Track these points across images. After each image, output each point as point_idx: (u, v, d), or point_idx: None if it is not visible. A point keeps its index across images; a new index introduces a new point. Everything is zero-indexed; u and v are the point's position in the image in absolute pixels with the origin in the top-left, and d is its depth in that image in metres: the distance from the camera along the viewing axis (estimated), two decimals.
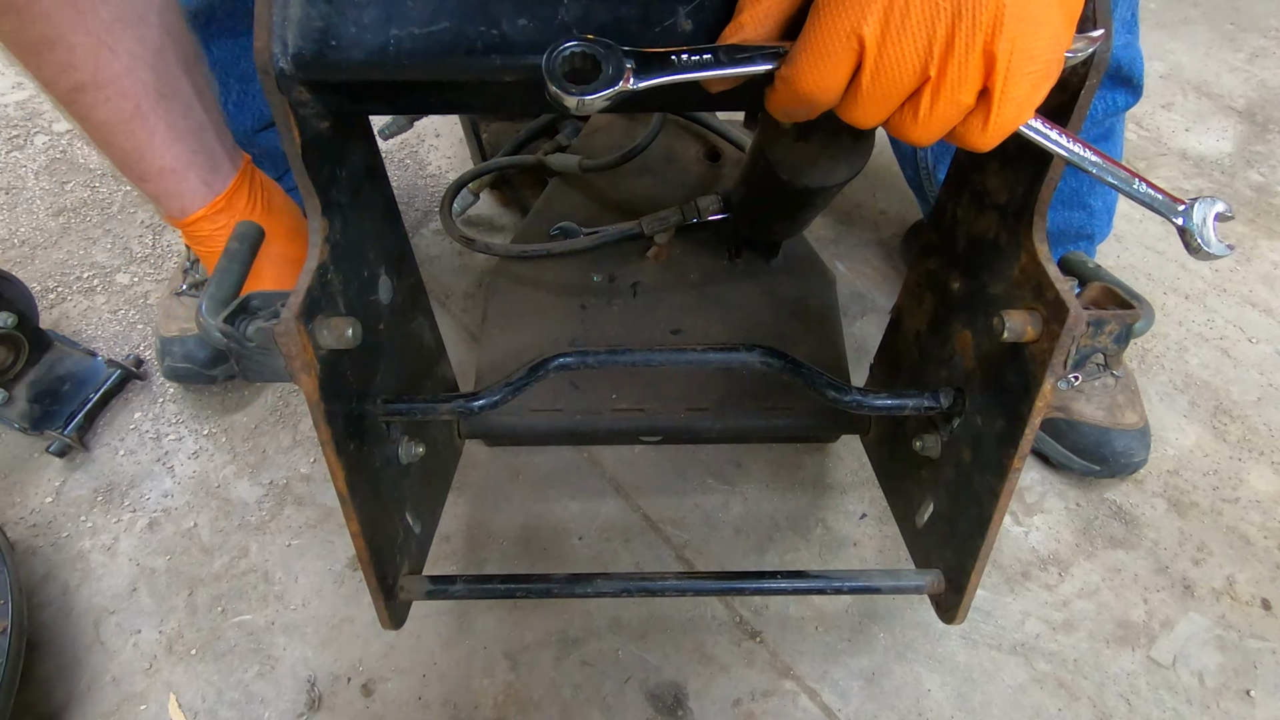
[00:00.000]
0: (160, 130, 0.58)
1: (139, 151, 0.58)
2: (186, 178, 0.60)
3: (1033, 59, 0.40)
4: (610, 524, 1.02)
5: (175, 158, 0.59)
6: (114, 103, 0.56)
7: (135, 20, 0.55)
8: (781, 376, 0.71)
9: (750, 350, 0.72)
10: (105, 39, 0.53)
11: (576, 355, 0.72)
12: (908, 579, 0.71)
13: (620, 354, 0.72)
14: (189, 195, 0.61)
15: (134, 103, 0.56)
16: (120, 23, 0.54)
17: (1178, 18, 1.76)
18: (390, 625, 0.68)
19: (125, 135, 0.58)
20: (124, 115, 0.57)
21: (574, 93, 0.42)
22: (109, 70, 0.54)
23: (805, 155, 0.62)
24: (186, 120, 0.59)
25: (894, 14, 0.39)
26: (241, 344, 0.51)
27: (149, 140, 0.58)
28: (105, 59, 0.54)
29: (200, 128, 0.61)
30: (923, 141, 0.44)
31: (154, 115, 0.57)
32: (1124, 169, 0.47)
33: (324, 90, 0.52)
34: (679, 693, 0.91)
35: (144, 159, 0.59)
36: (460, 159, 1.48)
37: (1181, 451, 1.09)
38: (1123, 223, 1.32)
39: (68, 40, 0.53)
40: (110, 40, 0.54)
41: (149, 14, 0.56)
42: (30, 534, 1.02)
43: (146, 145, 0.58)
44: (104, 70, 0.54)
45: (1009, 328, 0.54)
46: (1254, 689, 0.90)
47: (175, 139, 0.58)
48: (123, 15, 0.54)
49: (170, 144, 0.58)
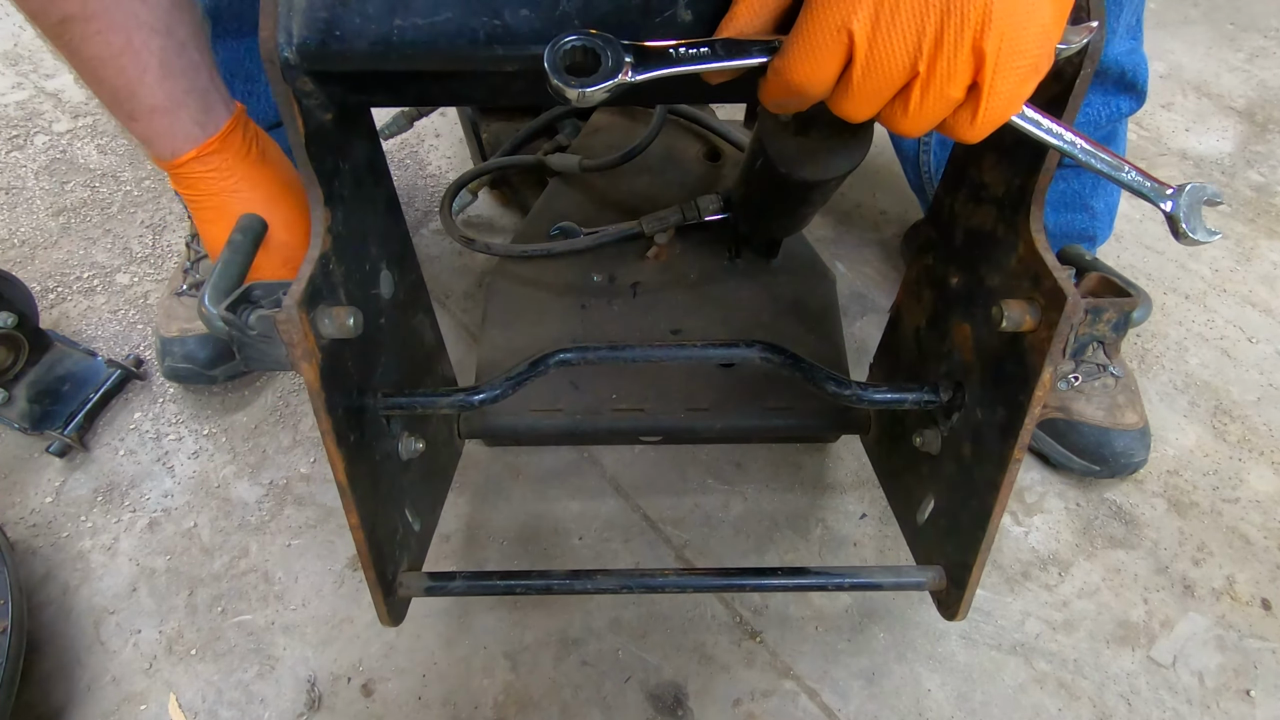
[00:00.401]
0: (152, 67, 0.56)
1: (129, 88, 0.56)
2: (178, 117, 0.58)
3: (1021, 54, 0.40)
4: (610, 524, 1.02)
5: (167, 96, 0.57)
6: (104, 36, 0.54)
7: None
8: (781, 371, 0.72)
9: (750, 346, 0.72)
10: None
11: (577, 351, 0.72)
12: (909, 575, 0.71)
13: (621, 350, 0.73)
14: (180, 136, 0.59)
15: (124, 37, 0.54)
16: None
17: (1178, 18, 1.76)
18: (389, 622, 0.68)
19: (115, 71, 0.55)
20: (114, 50, 0.55)
21: (575, 85, 0.42)
22: (99, 2, 0.53)
23: (804, 149, 0.63)
24: (179, 58, 0.57)
25: (884, 10, 0.40)
26: (244, 332, 0.51)
27: (140, 77, 0.56)
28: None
29: (193, 66, 0.59)
30: (912, 134, 0.44)
31: (145, 51, 0.55)
32: (1112, 155, 0.47)
33: (328, 81, 0.52)
34: (679, 693, 0.90)
35: (134, 96, 0.57)
36: (460, 159, 1.48)
37: (1181, 451, 1.09)
38: (1123, 223, 1.32)
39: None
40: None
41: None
42: (30, 534, 1.02)
43: (137, 82, 0.56)
44: (93, 2, 0.52)
45: (1008, 317, 0.55)
46: (1254, 689, 0.90)
47: (166, 76, 0.56)
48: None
49: (162, 81, 0.56)
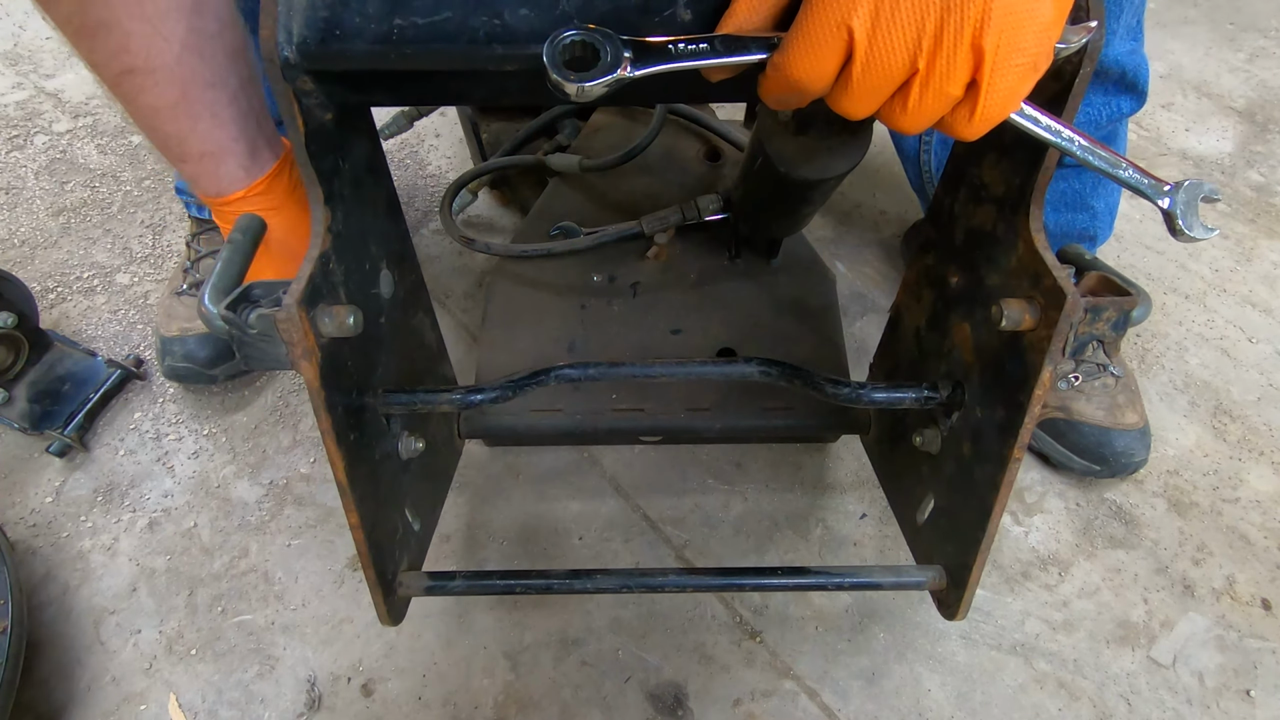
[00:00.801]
0: (204, 116, 0.58)
1: (181, 136, 0.59)
2: (225, 162, 0.61)
3: (1020, 52, 0.40)
4: (610, 524, 1.02)
5: (216, 143, 0.60)
6: (161, 88, 0.56)
7: (190, 10, 0.56)
8: (781, 384, 0.72)
9: (748, 362, 0.73)
10: (160, 26, 0.54)
11: (579, 367, 0.73)
12: (909, 575, 0.71)
13: (621, 367, 0.73)
14: (226, 178, 0.61)
15: (181, 89, 0.57)
16: (176, 11, 0.55)
17: (1178, 18, 1.77)
18: (389, 621, 0.68)
19: (170, 119, 0.58)
20: (170, 100, 0.57)
21: (574, 80, 0.42)
22: (161, 57, 0.55)
23: (803, 148, 0.63)
24: (231, 108, 0.60)
25: (884, 7, 0.40)
26: (243, 331, 0.51)
27: (192, 126, 0.59)
28: (158, 46, 0.55)
29: (243, 115, 0.62)
30: (911, 131, 0.44)
31: (199, 102, 0.58)
32: (1111, 153, 0.48)
33: (328, 80, 0.52)
34: (679, 693, 0.90)
35: (185, 143, 0.60)
36: (460, 159, 1.49)
37: (1181, 451, 1.09)
38: (1123, 223, 1.32)
39: (123, 26, 0.53)
40: (164, 28, 0.54)
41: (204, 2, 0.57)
42: (30, 534, 1.02)
43: (190, 130, 0.59)
44: (156, 57, 0.55)
45: (1007, 316, 0.55)
46: (1254, 689, 0.90)
47: (218, 125, 0.59)
48: (179, 4, 0.55)
49: (213, 130, 0.59)
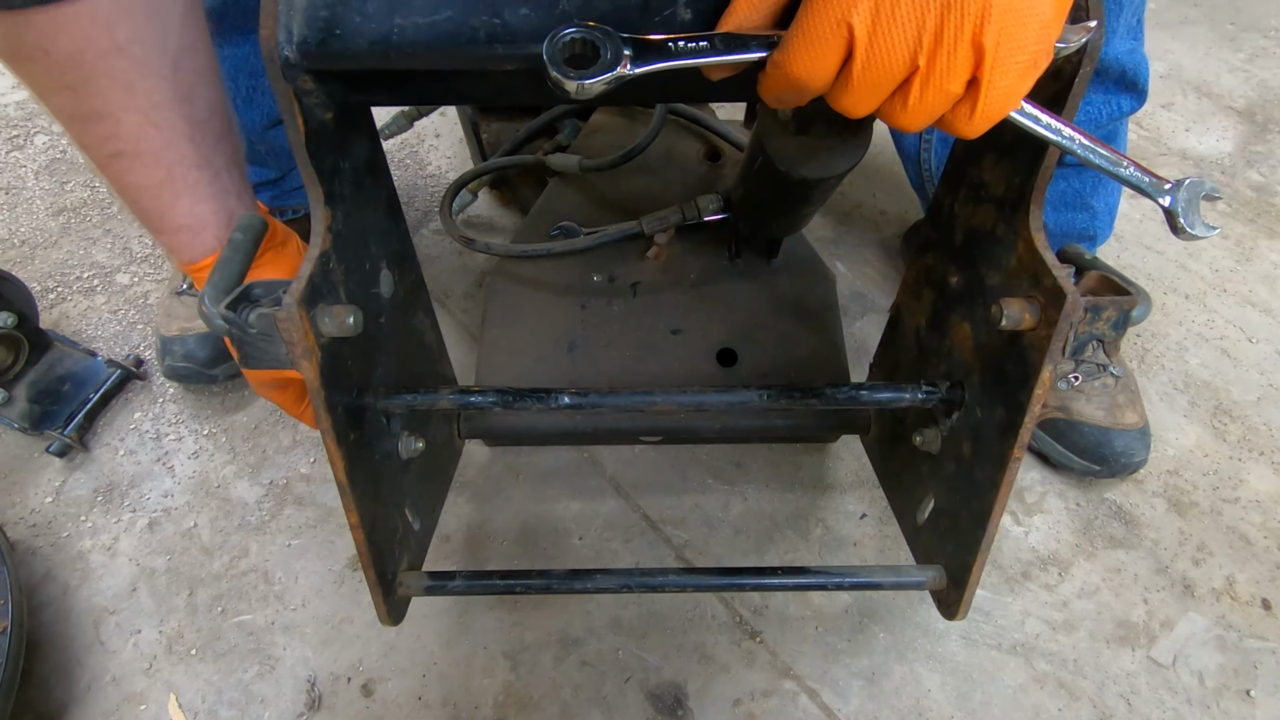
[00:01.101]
0: (185, 195, 0.60)
1: (161, 212, 0.61)
2: (201, 235, 0.62)
3: (1020, 49, 0.41)
4: (610, 524, 1.02)
5: (195, 218, 0.61)
6: (148, 170, 0.58)
7: (182, 100, 0.57)
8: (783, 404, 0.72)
9: (748, 390, 0.73)
10: (151, 116, 0.56)
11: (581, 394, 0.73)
12: (909, 575, 0.71)
13: (623, 395, 0.74)
14: (199, 248, 0.63)
15: (166, 170, 0.59)
16: (169, 102, 0.57)
17: (1178, 18, 1.77)
18: (389, 621, 0.68)
19: (152, 197, 0.60)
20: (155, 180, 0.59)
21: (573, 77, 0.42)
22: (150, 143, 0.57)
23: (803, 147, 0.63)
24: (213, 185, 0.61)
25: (884, 5, 0.40)
26: (244, 331, 0.51)
27: (173, 203, 0.60)
28: (149, 133, 0.57)
29: (224, 192, 0.63)
30: (912, 129, 0.44)
31: (183, 183, 0.60)
32: (1111, 151, 0.48)
33: (328, 79, 0.52)
34: (679, 693, 0.90)
35: (165, 217, 0.61)
36: (460, 159, 1.49)
37: (1181, 451, 1.09)
38: (1123, 223, 1.32)
39: (116, 116, 0.55)
40: (156, 117, 0.56)
41: (196, 92, 0.59)
42: (30, 534, 1.02)
43: (170, 207, 0.61)
44: (145, 142, 0.57)
45: (1007, 315, 0.55)
46: (1254, 689, 0.90)
47: (198, 202, 0.61)
48: (173, 95, 0.57)
49: (193, 206, 0.61)
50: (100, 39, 0.51)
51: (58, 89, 0.54)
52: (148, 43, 0.53)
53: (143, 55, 0.54)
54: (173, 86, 0.56)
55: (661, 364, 0.96)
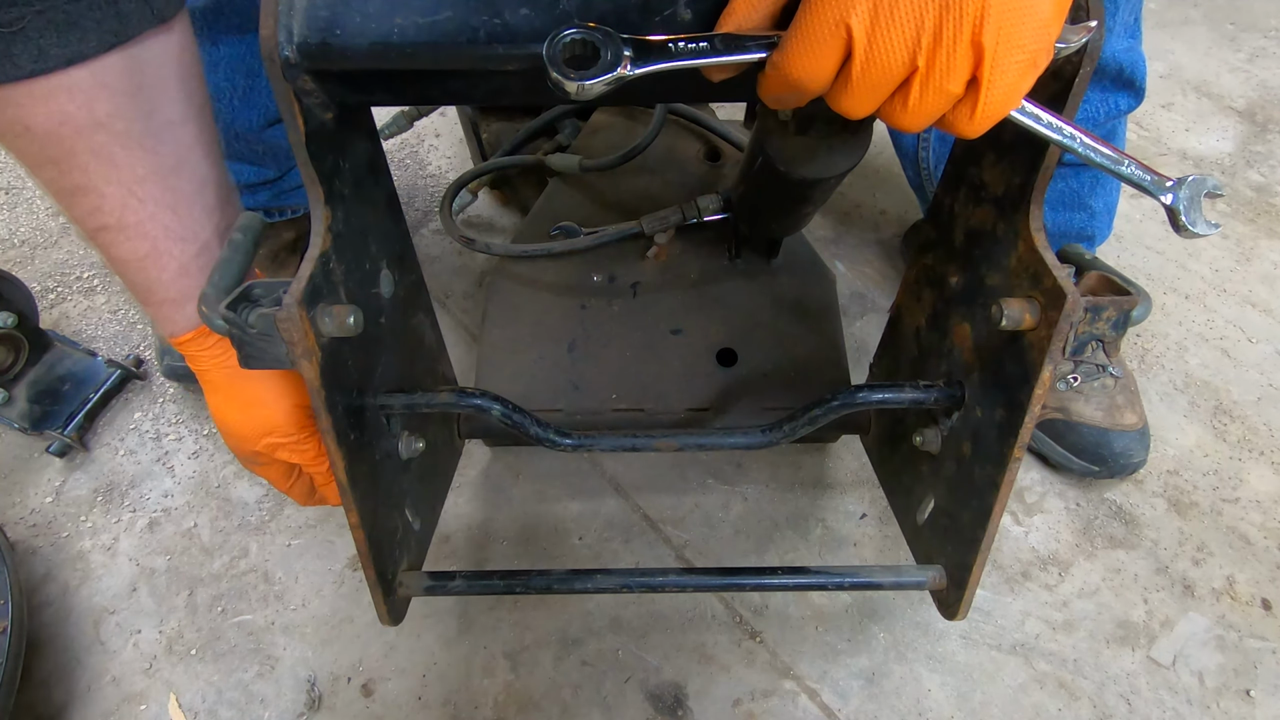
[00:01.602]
0: (171, 268, 0.60)
1: (148, 285, 0.61)
2: (185, 307, 0.62)
3: (1020, 49, 0.41)
4: (610, 524, 1.02)
5: (180, 291, 0.61)
6: (132, 243, 0.58)
7: (169, 171, 0.57)
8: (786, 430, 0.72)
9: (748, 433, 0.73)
10: (135, 190, 0.56)
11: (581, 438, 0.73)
12: (909, 575, 0.71)
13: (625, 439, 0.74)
14: (182, 321, 0.63)
15: (151, 243, 0.58)
16: (154, 176, 0.56)
17: (1178, 18, 1.77)
18: (389, 621, 0.68)
19: (137, 270, 0.60)
20: (140, 254, 0.59)
21: (574, 78, 0.42)
22: (134, 216, 0.57)
23: (803, 147, 0.63)
24: (199, 259, 0.61)
25: (883, 5, 0.40)
26: (244, 331, 0.51)
27: (159, 276, 0.60)
28: (132, 206, 0.56)
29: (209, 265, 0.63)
30: (912, 129, 0.44)
31: (168, 255, 0.59)
32: (1112, 149, 0.48)
33: (328, 79, 0.52)
34: (679, 693, 0.90)
35: (151, 290, 0.61)
36: (460, 159, 1.49)
37: (1181, 451, 1.09)
38: (1123, 223, 1.32)
39: (99, 189, 0.55)
40: (140, 191, 0.56)
41: (185, 165, 0.58)
42: (30, 534, 1.02)
43: (156, 280, 0.60)
44: (129, 215, 0.57)
45: (1007, 315, 0.55)
46: (1254, 689, 0.90)
47: (183, 275, 0.60)
48: (158, 168, 0.56)
49: (178, 279, 0.60)
50: (78, 114, 0.51)
51: (42, 163, 0.54)
52: (129, 117, 0.53)
53: (124, 130, 0.53)
54: (156, 159, 0.56)
55: (661, 364, 0.96)
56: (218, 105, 0.97)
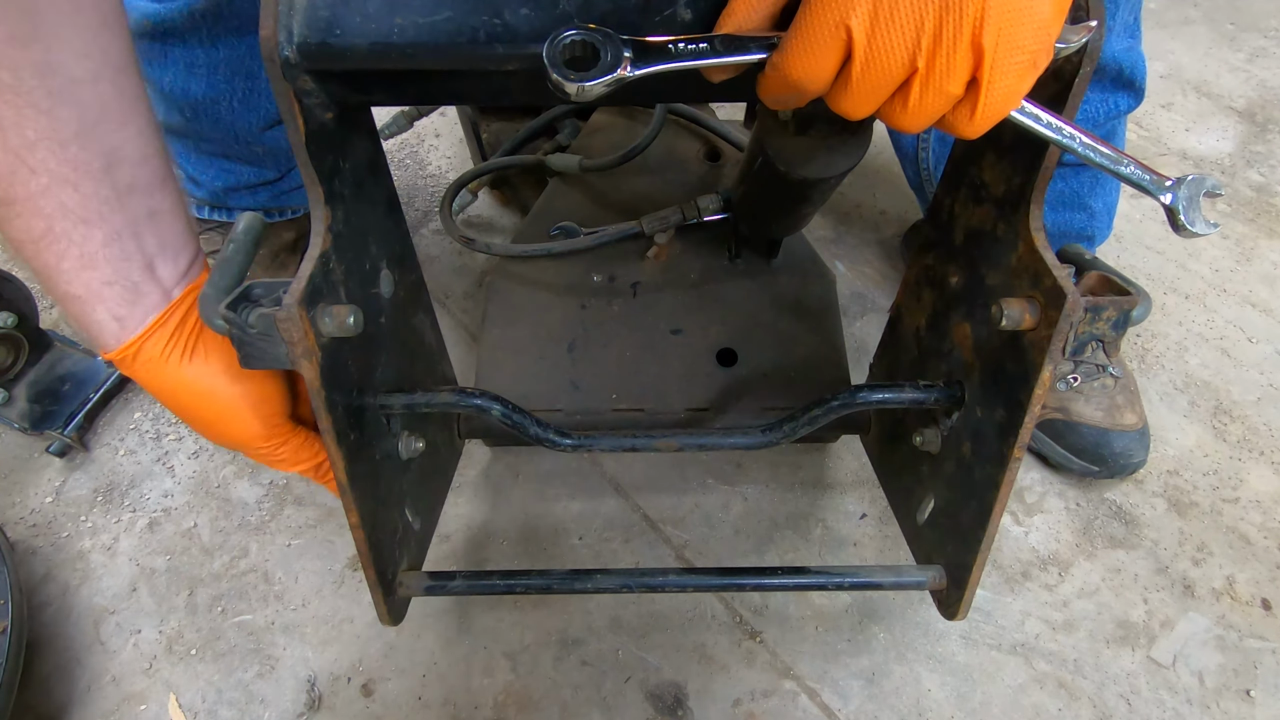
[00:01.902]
0: (70, 256, 0.52)
1: (46, 272, 0.53)
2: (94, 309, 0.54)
3: (1020, 50, 0.41)
4: (610, 524, 1.02)
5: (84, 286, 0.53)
6: (24, 220, 0.51)
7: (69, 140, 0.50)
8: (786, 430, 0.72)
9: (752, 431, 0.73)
10: (25, 157, 0.49)
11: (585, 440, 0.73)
12: (909, 575, 0.71)
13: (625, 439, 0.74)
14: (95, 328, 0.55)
15: (45, 224, 0.51)
16: (47, 142, 0.49)
17: (1178, 18, 1.76)
18: (389, 621, 0.68)
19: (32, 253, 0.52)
20: (33, 235, 0.51)
21: (574, 79, 0.42)
22: (24, 189, 0.50)
23: (803, 147, 0.63)
24: (106, 249, 0.53)
25: (883, 7, 0.40)
26: (244, 331, 0.51)
27: (56, 264, 0.53)
28: (22, 176, 0.49)
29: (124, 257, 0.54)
30: (912, 129, 0.44)
31: (65, 239, 0.52)
32: (1112, 149, 0.48)
33: (328, 79, 0.52)
34: (679, 693, 0.90)
35: (50, 281, 0.54)
36: (460, 159, 1.49)
37: (1181, 451, 1.09)
38: (1123, 223, 1.32)
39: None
40: (31, 159, 0.49)
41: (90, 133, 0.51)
42: (30, 534, 1.02)
43: (54, 268, 0.53)
44: (18, 188, 0.50)
45: (1007, 315, 0.55)
46: (1254, 689, 0.90)
47: (85, 267, 0.53)
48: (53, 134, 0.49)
49: (79, 270, 0.53)
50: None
51: None
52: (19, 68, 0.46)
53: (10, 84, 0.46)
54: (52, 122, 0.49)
55: (661, 364, 0.96)
56: (217, 108, 0.97)
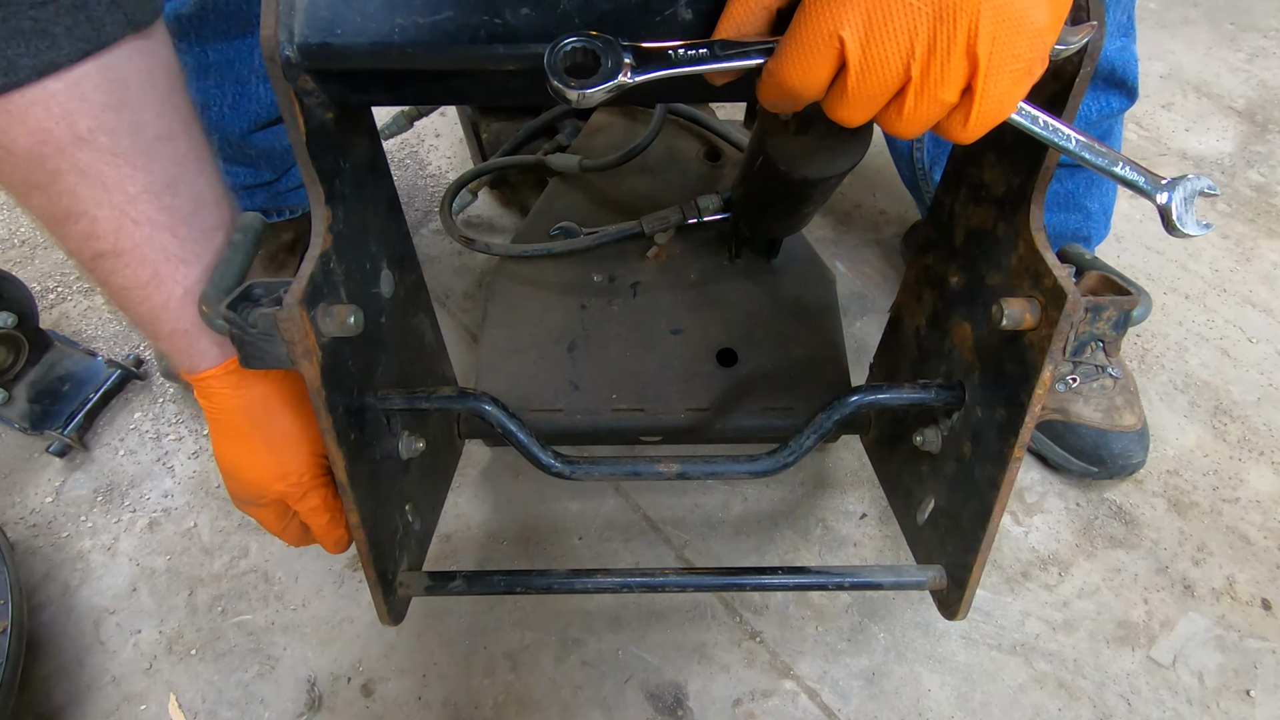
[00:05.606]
0: (176, 295, 0.56)
1: (153, 314, 0.57)
2: (199, 339, 0.58)
3: (1014, 58, 0.41)
4: (610, 524, 1.02)
5: (190, 320, 0.57)
6: (132, 269, 0.55)
7: (163, 189, 0.54)
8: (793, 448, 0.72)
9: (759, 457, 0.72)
10: (129, 211, 0.53)
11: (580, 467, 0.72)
12: (909, 575, 0.71)
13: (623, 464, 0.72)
14: (198, 355, 0.59)
15: (152, 269, 0.55)
16: (147, 194, 0.53)
17: (1178, 18, 1.77)
18: (389, 621, 0.68)
19: (141, 299, 0.56)
20: (141, 280, 0.55)
21: (574, 86, 0.43)
22: (130, 240, 0.54)
23: (803, 147, 0.63)
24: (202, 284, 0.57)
25: (876, 17, 0.40)
26: (244, 330, 0.51)
27: (164, 304, 0.57)
28: (127, 229, 0.53)
29: None
30: (908, 135, 0.45)
31: (171, 280, 0.56)
32: (1107, 150, 0.48)
33: (329, 79, 0.52)
34: (679, 693, 0.90)
35: (158, 321, 0.58)
36: (460, 159, 1.49)
37: (1181, 451, 1.09)
38: (1123, 223, 1.32)
39: (91, 213, 0.52)
40: (133, 212, 0.53)
41: (179, 182, 0.55)
42: (30, 534, 1.02)
43: (161, 309, 0.57)
44: (125, 240, 0.53)
45: (1008, 315, 0.55)
46: (1254, 689, 0.90)
47: (189, 303, 0.57)
48: (150, 186, 0.53)
49: (184, 307, 0.57)
50: (58, 130, 0.48)
51: (28, 190, 0.51)
52: (114, 132, 0.50)
53: (110, 146, 0.50)
54: (149, 177, 0.53)
55: (661, 364, 0.96)
56: (206, 113, 0.95)
